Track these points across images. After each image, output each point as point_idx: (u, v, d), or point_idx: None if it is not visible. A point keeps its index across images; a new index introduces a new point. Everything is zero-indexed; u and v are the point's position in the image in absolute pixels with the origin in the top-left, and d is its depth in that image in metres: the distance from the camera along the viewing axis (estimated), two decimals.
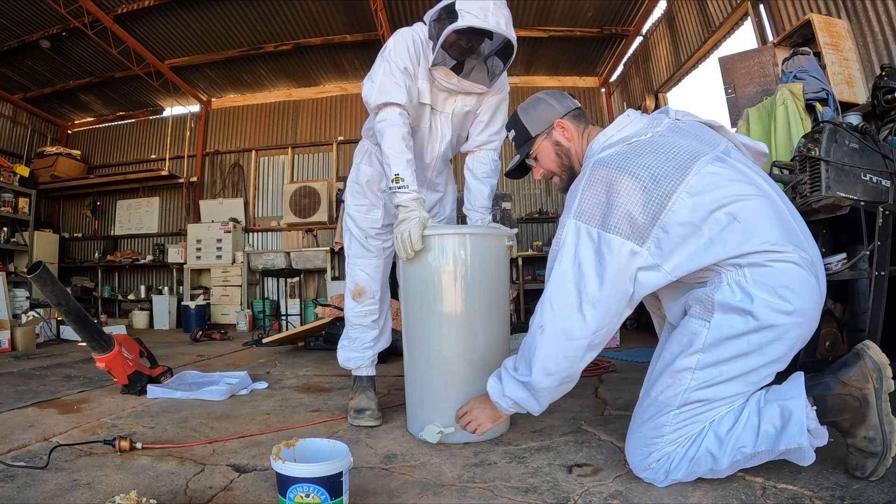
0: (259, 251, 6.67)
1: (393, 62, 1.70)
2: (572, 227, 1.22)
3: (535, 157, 1.53)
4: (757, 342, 1.13)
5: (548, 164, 1.51)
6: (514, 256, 6.04)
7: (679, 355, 1.19)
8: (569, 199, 1.27)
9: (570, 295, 1.21)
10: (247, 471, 1.38)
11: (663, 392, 1.21)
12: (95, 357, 2.29)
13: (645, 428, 1.23)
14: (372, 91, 1.70)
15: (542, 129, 1.49)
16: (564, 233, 1.23)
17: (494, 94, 1.91)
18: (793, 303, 1.12)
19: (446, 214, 2.11)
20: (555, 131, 1.48)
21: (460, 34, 1.67)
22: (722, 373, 1.15)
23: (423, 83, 1.78)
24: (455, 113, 1.87)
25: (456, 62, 1.79)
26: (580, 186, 1.25)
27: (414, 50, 1.74)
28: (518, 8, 5.48)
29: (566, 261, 1.22)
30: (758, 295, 1.12)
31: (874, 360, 1.15)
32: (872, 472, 1.13)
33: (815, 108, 2.57)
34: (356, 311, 1.96)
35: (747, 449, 1.13)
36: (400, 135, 1.66)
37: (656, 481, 1.20)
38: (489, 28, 1.61)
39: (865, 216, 1.89)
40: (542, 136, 1.49)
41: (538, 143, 1.50)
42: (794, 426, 1.11)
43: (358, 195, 1.97)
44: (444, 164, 2.03)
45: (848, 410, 1.14)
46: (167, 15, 5.56)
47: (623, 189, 1.18)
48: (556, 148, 1.48)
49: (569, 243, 1.22)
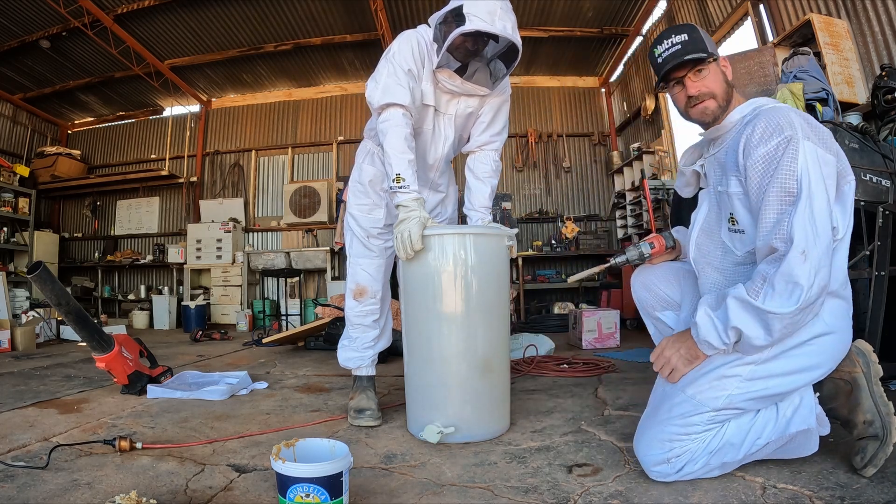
0: (259, 251, 6.67)
1: (397, 64, 1.71)
2: (808, 146, 1.16)
3: (700, 71, 1.35)
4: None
5: (714, 85, 1.35)
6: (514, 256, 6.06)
7: (732, 361, 1.20)
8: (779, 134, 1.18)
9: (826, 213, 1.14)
10: (247, 471, 1.38)
11: (703, 392, 1.20)
12: (95, 357, 2.29)
13: (673, 424, 1.21)
14: (376, 91, 1.71)
15: (715, 53, 1.35)
16: (801, 151, 1.15)
17: (497, 96, 1.92)
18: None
19: (448, 215, 2.12)
20: (722, 62, 1.36)
21: (467, 37, 1.69)
22: (768, 387, 1.18)
23: (426, 85, 1.79)
24: (458, 114, 1.88)
25: (460, 64, 1.80)
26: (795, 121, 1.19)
27: (418, 52, 1.75)
28: (518, 8, 5.43)
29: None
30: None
31: (859, 347, 1.26)
32: (872, 458, 1.16)
33: (815, 108, 2.56)
34: (357, 310, 1.97)
35: (762, 440, 1.20)
36: (402, 135, 1.66)
37: (667, 476, 1.21)
38: (496, 32, 1.62)
39: (865, 216, 1.89)
40: (714, 58, 1.34)
41: (711, 60, 1.34)
42: (805, 408, 1.20)
43: (360, 195, 1.97)
44: (446, 165, 2.04)
45: (841, 394, 1.24)
46: (167, 15, 5.56)
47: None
48: (724, 77, 1.36)
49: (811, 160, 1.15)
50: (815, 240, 1.11)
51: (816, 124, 1.21)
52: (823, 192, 1.14)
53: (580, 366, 2.77)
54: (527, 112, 7.12)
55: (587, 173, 7.05)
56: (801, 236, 1.11)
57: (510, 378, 1.80)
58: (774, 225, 1.15)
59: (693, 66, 1.34)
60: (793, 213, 1.13)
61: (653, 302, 1.54)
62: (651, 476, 1.23)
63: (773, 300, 1.12)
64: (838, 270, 1.21)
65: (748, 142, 1.21)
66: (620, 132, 6.96)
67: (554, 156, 7.03)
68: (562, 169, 6.99)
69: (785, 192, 1.15)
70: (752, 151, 1.20)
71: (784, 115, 1.20)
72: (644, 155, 5.64)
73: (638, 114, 6.25)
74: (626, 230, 6.08)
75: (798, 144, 1.15)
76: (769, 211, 1.17)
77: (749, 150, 1.21)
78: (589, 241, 6.33)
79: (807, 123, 1.19)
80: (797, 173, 1.14)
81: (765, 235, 1.17)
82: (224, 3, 5.42)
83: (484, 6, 1.61)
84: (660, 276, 1.54)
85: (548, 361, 2.90)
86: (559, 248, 6.37)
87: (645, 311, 1.58)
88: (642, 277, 1.57)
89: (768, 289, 1.13)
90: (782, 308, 1.10)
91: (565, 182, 7.03)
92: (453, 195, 2.15)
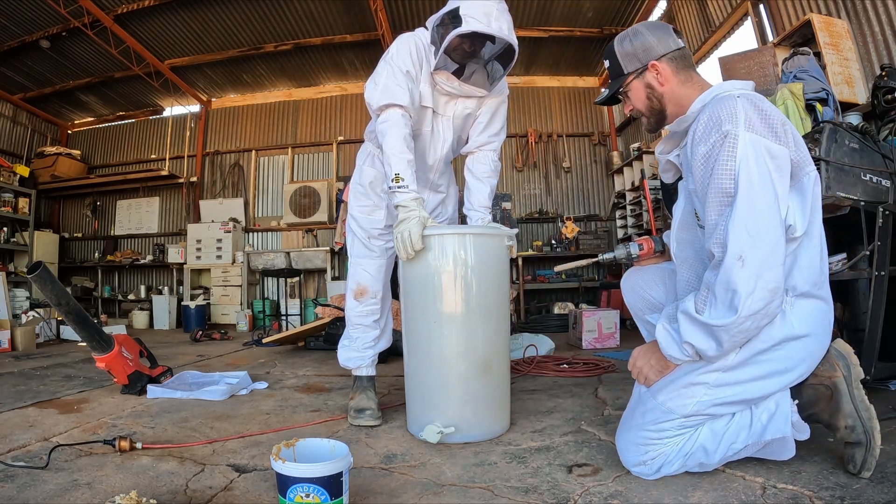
0: (259, 251, 6.67)
1: (396, 65, 1.72)
2: (748, 139, 1.09)
3: (626, 94, 1.39)
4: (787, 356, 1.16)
5: (637, 104, 1.38)
6: (514, 256, 6.05)
7: (699, 368, 1.19)
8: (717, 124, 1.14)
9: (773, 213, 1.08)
10: (247, 471, 1.38)
11: (672, 399, 1.21)
12: (95, 357, 2.29)
13: (646, 430, 1.23)
14: (375, 93, 1.72)
15: (634, 67, 1.33)
16: (739, 146, 1.09)
17: (494, 97, 1.93)
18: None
19: (448, 215, 2.13)
20: (648, 73, 1.32)
21: (464, 38, 1.70)
22: (737, 393, 1.18)
23: (425, 87, 1.80)
24: (456, 115, 1.89)
25: (457, 66, 1.81)
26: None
27: (416, 54, 1.76)
28: (518, 8, 5.49)
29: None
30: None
31: (838, 349, 1.21)
32: (863, 465, 1.15)
33: (815, 108, 2.56)
34: (357, 310, 1.97)
35: (737, 445, 1.19)
36: (401, 135, 1.67)
37: (646, 475, 1.23)
38: (492, 33, 1.64)
39: (865, 216, 1.89)
40: (633, 75, 1.34)
41: (629, 81, 1.35)
42: (781, 416, 1.17)
43: (361, 196, 1.98)
44: (445, 166, 2.05)
45: (822, 400, 1.21)
46: (167, 15, 5.56)
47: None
48: (647, 90, 1.34)
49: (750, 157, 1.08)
50: (756, 242, 1.05)
51: (769, 112, 1.13)
52: (769, 188, 1.07)
53: (580, 366, 2.77)
54: (527, 112, 7.12)
55: (587, 173, 7.05)
56: (737, 241, 1.06)
57: (510, 378, 1.80)
58: (713, 229, 1.12)
59: (618, 92, 1.39)
60: (729, 216, 1.08)
61: (640, 304, 1.55)
62: (633, 474, 1.26)
63: (716, 310, 1.09)
64: (808, 269, 1.15)
65: (693, 139, 1.18)
66: (620, 132, 6.96)
67: (554, 156, 7.02)
68: (562, 169, 6.99)
69: (722, 193, 1.10)
70: (695, 150, 1.16)
71: (727, 106, 1.13)
72: (644, 155, 5.63)
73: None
74: (626, 230, 6.08)
75: (736, 139, 1.08)
76: (710, 213, 1.13)
77: (693, 147, 1.17)
78: (589, 242, 6.33)
79: (756, 112, 1.12)
80: (734, 171, 1.08)
81: (706, 239, 1.15)
82: (224, 3, 5.42)
83: (480, 7, 1.61)
84: (647, 279, 1.54)
85: (548, 361, 2.90)
86: (559, 248, 6.37)
87: (634, 313, 1.59)
88: (630, 280, 1.58)
89: (711, 298, 1.10)
90: (724, 319, 1.07)
91: (565, 182, 7.03)
92: (454, 195, 2.16)
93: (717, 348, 1.12)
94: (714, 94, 1.23)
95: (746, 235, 1.06)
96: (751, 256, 1.05)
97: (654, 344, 1.26)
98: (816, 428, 1.26)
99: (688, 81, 1.31)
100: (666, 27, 1.35)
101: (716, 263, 1.11)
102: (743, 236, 1.06)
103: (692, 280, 1.32)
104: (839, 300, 2.41)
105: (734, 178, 1.08)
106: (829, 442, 1.36)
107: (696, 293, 1.16)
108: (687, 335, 1.14)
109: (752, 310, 1.06)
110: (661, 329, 1.21)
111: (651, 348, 1.28)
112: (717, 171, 1.10)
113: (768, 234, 1.06)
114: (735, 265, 1.06)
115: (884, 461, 1.21)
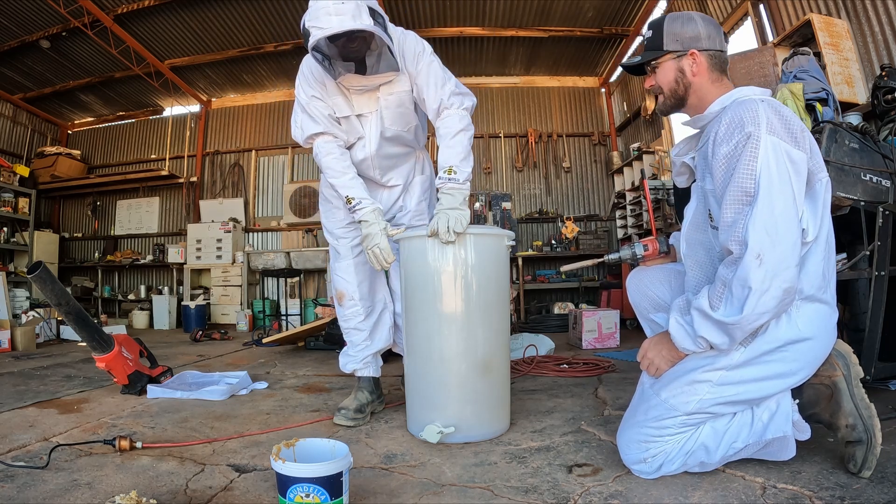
0: (259, 251, 6.67)
1: (301, 100, 1.84)
2: (770, 142, 1.11)
3: (655, 69, 1.39)
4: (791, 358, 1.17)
5: (662, 83, 1.38)
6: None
7: (703, 366, 1.20)
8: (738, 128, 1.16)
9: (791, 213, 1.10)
10: (247, 471, 1.38)
11: (675, 396, 1.22)
12: (95, 357, 2.29)
13: (648, 427, 1.24)
14: (297, 131, 1.88)
15: (675, 48, 1.34)
16: (762, 148, 1.11)
17: (413, 63, 1.80)
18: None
19: (412, 207, 2.05)
20: (686, 59, 1.33)
21: (328, 45, 1.64)
22: (740, 393, 1.18)
23: (337, 98, 1.82)
24: (387, 105, 1.82)
25: (356, 63, 1.73)
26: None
27: (313, 78, 1.81)
28: (518, 8, 5.48)
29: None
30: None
31: (837, 349, 1.23)
32: (864, 463, 1.16)
33: (815, 108, 2.56)
34: (342, 314, 2.05)
35: (738, 444, 1.20)
36: (334, 158, 1.81)
37: (647, 473, 1.24)
38: (333, 32, 1.55)
39: (865, 216, 1.89)
40: (672, 55, 1.34)
41: (665, 59, 1.36)
42: (781, 416, 1.19)
43: (324, 203, 2.08)
44: (396, 159, 1.98)
45: (822, 399, 1.23)
46: (167, 15, 5.55)
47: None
48: (678, 74, 1.35)
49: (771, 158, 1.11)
50: (774, 242, 1.08)
51: (789, 118, 1.16)
52: (788, 191, 1.10)
53: (580, 366, 2.77)
54: (527, 112, 7.12)
55: (587, 173, 7.05)
56: (756, 240, 1.08)
57: (510, 378, 1.80)
58: (731, 226, 1.14)
59: (648, 64, 1.39)
60: (749, 215, 1.10)
61: (646, 304, 1.55)
62: (633, 473, 1.26)
63: (731, 307, 1.12)
64: (815, 274, 1.18)
65: (715, 139, 1.20)
66: (620, 132, 6.96)
67: (554, 156, 7.03)
68: (562, 169, 6.99)
69: (742, 193, 1.12)
70: (717, 150, 1.18)
71: (750, 109, 1.15)
72: (644, 155, 5.63)
73: (638, 114, 6.25)
74: (626, 230, 6.08)
75: (759, 141, 1.11)
76: (727, 211, 1.15)
77: (715, 148, 1.19)
78: (589, 241, 6.34)
79: (777, 117, 1.15)
80: (756, 172, 1.11)
81: (722, 236, 1.17)
82: (224, 3, 5.42)
83: (320, 10, 1.55)
84: (652, 279, 1.54)
85: (548, 361, 2.90)
86: (559, 248, 6.37)
87: (639, 312, 1.59)
88: (636, 280, 1.58)
89: (728, 294, 1.12)
90: (737, 316, 1.10)
91: (565, 182, 7.03)
92: (418, 185, 2.06)
93: (729, 342, 1.15)
94: (734, 97, 1.26)
95: (765, 235, 1.08)
96: (769, 256, 1.08)
97: (664, 335, 1.29)
98: (816, 428, 1.27)
99: (717, 82, 1.33)
100: (719, 28, 1.37)
101: (732, 260, 1.13)
102: (762, 236, 1.08)
103: (702, 281, 1.33)
104: (839, 300, 2.41)
105: (755, 179, 1.11)
106: (830, 442, 1.36)
107: (710, 287, 1.18)
108: (701, 330, 1.17)
109: (765, 307, 1.09)
110: (675, 322, 1.23)
111: (662, 339, 1.30)
112: (739, 171, 1.13)
113: (786, 235, 1.09)
114: (753, 263, 1.08)
115: (884, 461, 1.22)
